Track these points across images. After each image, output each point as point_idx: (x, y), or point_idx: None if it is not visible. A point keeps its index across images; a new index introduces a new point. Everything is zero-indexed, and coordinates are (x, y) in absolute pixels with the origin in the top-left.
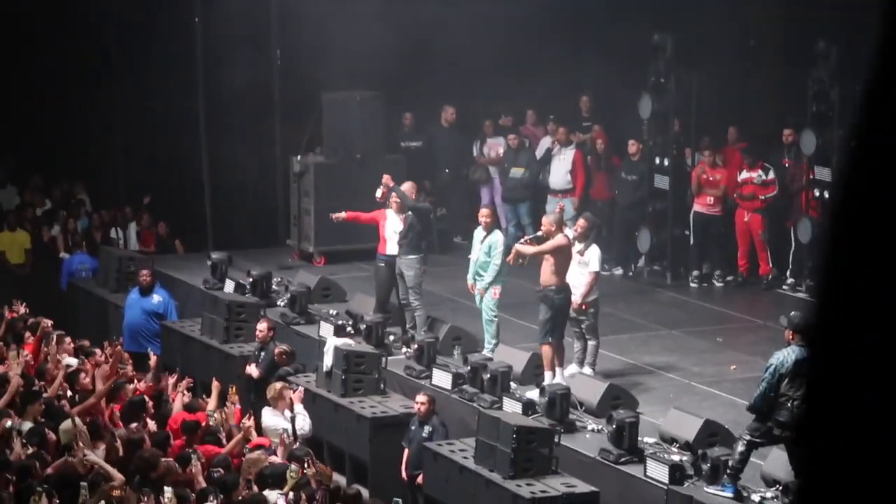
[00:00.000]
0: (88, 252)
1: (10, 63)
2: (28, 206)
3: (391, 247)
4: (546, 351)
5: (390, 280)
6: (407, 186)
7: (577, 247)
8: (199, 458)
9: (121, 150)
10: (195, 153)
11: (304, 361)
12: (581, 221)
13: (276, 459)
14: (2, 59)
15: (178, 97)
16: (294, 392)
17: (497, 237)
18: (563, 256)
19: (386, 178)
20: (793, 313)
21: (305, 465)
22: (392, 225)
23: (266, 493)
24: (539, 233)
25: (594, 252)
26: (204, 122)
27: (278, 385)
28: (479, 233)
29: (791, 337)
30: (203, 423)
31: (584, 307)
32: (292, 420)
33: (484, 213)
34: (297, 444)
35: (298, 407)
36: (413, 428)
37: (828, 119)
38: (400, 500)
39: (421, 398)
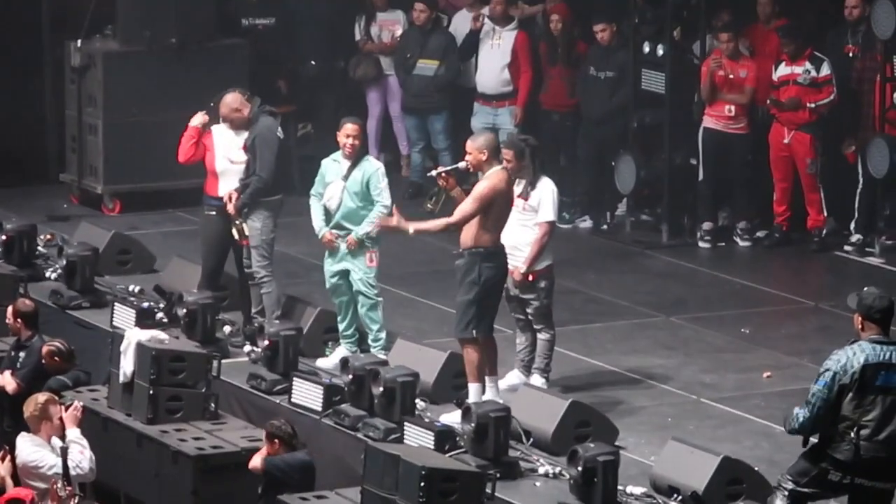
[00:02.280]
0: None
1: None
2: None
3: (226, 184)
4: (470, 351)
5: (224, 237)
6: (229, 99)
7: (517, 187)
8: None
9: None
10: None
11: (89, 367)
12: (505, 152)
13: None
14: None
15: None
16: (66, 409)
17: (374, 164)
18: (500, 205)
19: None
20: (865, 290)
21: None
22: (225, 149)
23: None
24: (461, 163)
25: (547, 191)
26: None
27: (41, 398)
28: (331, 165)
29: (861, 327)
30: None
31: (530, 279)
32: (63, 453)
33: (348, 131)
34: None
35: (73, 432)
36: None
37: None
38: None
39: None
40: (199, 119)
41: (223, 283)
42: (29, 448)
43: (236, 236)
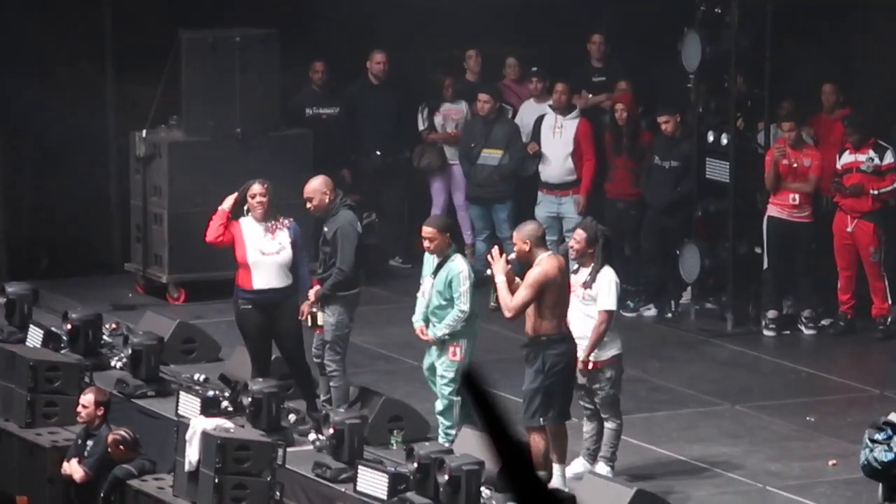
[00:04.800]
0: None
1: None
2: None
3: (259, 276)
4: (536, 439)
5: (264, 328)
6: (318, 183)
7: (578, 274)
8: None
9: None
10: None
11: (155, 455)
12: (578, 233)
13: None
14: None
15: None
16: None
17: (458, 265)
18: (554, 291)
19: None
20: None
21: None
22: (255, 241)
23: None
24: (511, 255)
25: (606, 280)
26: None
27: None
28: (429, 258)
29: None
30: None
31: (594, 367)
32: None
33: (426, 233)
34: None
35: None
36: None
37: None
38: None
39: None
40: (228, 203)
41: (274, 372)
42: None
43: (310, 324)
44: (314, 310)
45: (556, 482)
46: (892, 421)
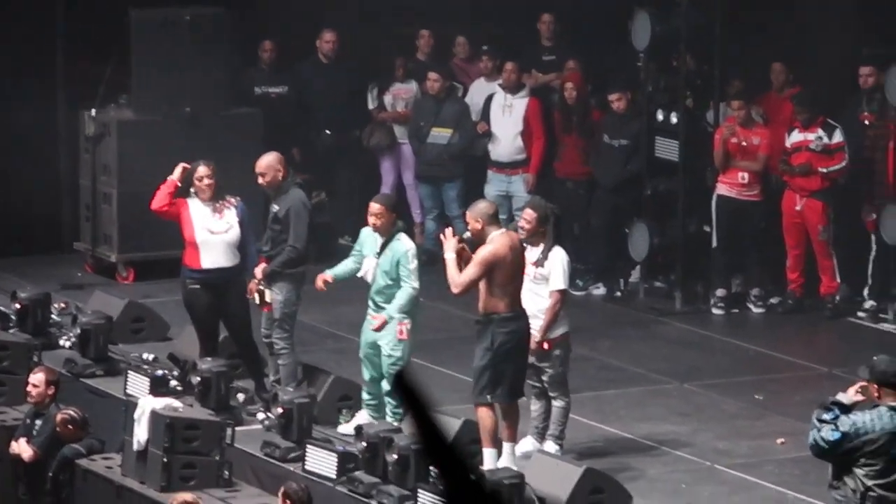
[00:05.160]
0: None
1: None
2: None
3: (208, 255)
4: (484, 416)
5: (212, 308)
6: (272, 159)
7: (529, 253)
8: None
9: None
10: None
11: (103, 435)
12: (528, 213)
13: None
14: None
15: None
16: None
17: (405, 244)
18: (504, 269)
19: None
20: (875, 359)
21: None
22: (203, 221)
23: None
24: (466, 234)
25: (558, 259)
26: None
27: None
28: (369, 237)
29: (878, 395)
30: None
31: (545, 347)
32: None
33: (375, 210)
34: None
35: None
36: None
37: None
38: None
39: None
40: (177, 173)
41: (221, 350)
42: None
43: (257, 301)
44: (261, 287)
45: (505, 460)
46: (839, 400)
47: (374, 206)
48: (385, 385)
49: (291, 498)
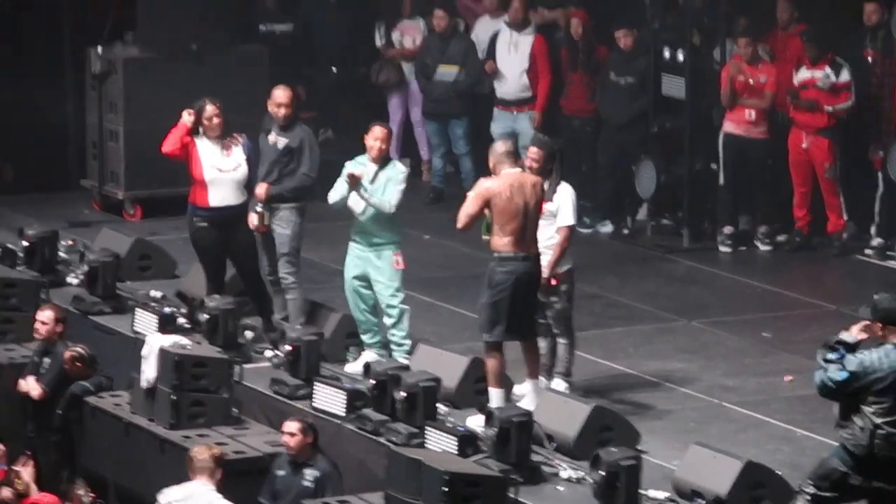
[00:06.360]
0: None
1: None
2: None
3: (216, 193)
4: (489, 356)
5: (220, 246)
6: (290, 92)
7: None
8: None
9: None
10: None
11: (111, 372)
12: (534, 151)
13: None
14: None
15: None
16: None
17: (399, 168)
18: (501, 207)
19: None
20: (877, 297)
21: None
22: (212, 159)
23: None
24: None
25: (566, 195)
26: None
27: (216, 452)
28: (361, 166)
29: (882, 333)
30: None
31: (551, 283)
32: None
33: (377, 135)
34: None
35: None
36: (281, 474)
37: None
38: None
39: (289, 426)
40: (189, 117)
41: (227, 288)
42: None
43: (256, 222)
44: (260, 209)
45: (528, 398)
46: (844, 340)
47: (380, 131)
48: (388, 320)
49: (313, 429)
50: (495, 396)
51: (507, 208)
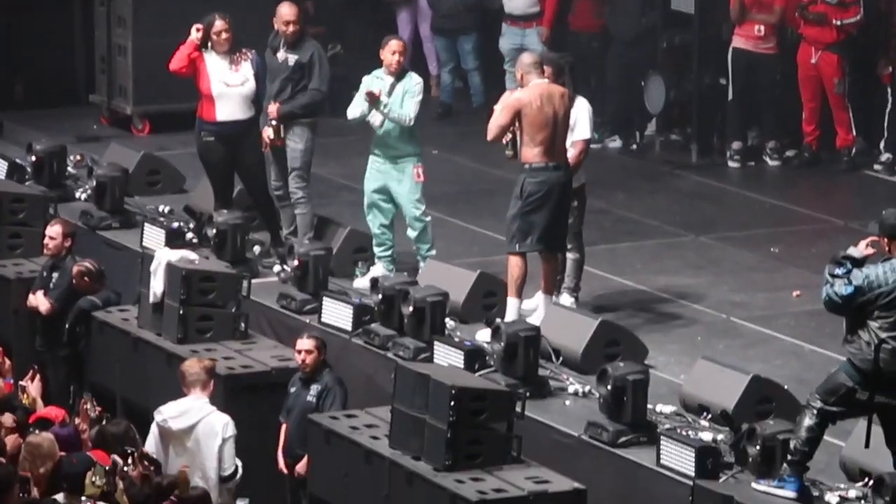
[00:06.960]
0: None
1: None
2: None
3: (223, 107)
4: (513, 264)
5: (227, 160)
6: (297, 9)
7: None
8: None
9: None
10: None
11: (119, 287)
12: (544, 68)
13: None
14: None
15: None
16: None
17: (416, 79)
18: (531, 117)
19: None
20: (885, 212)
21: (127, 463)
22: (220, 74)
23: (59, 498)
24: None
25: (583, 108)
26: None
27: (208, 364)
28: (379, 80)
29: (889, 249)
30: None
31: None
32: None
33: (394, 48)
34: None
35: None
36: (293, 390)
37: None
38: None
39: (304, 343)
40: (197, 34)
41: (235, 202)
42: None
43: (271, 136)
44: (273, 122)
45: (539, 311)
46: (851, 255)
47: (397, 44)
48: (411, 232)
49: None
50: (511, 306)
51: (537, 118)
